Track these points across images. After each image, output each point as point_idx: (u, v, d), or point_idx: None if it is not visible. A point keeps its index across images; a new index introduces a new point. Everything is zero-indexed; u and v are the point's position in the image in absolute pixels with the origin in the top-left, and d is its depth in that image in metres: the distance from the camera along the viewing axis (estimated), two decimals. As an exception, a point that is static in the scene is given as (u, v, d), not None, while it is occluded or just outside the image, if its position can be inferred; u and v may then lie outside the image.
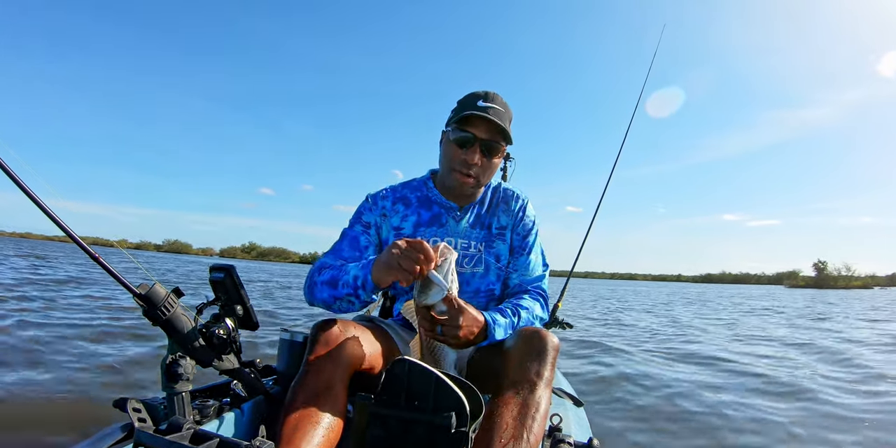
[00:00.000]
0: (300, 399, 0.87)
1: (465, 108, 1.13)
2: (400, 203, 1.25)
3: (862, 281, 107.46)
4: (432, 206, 1.25)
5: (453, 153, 1.15)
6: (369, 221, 1.23)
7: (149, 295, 0.88)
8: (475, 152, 1.13)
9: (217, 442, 0.74)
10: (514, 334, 1.03)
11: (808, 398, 2.83)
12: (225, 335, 1.01)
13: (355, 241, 1.20)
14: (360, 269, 1.01)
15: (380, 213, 1.24)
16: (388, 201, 1.25)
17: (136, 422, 0.83)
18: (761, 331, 6.83)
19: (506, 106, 1.17)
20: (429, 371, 0.80)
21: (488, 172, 1.18)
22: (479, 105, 1.12)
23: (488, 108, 1.11)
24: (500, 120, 1.12)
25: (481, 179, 1.19)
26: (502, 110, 1.14)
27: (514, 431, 0.82)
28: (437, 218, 1.24)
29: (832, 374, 3.61)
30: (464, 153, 1.13)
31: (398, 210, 1.25)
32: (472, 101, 1.14)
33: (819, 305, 15.37)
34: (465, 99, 1.17)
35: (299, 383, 0.90)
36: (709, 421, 2.37)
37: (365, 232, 1.22)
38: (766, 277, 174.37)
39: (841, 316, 10.23)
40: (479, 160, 1.13)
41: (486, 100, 1.14)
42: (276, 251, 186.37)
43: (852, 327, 7.60)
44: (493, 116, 1.10)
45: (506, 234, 1.27)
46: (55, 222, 0.79)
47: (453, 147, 1.15)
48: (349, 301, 1.05)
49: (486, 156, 1.14)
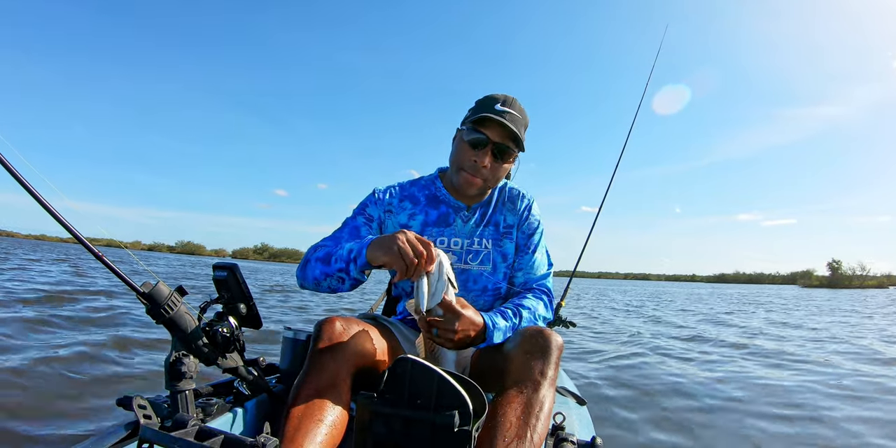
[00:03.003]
0: (303, 397, 0.87)
1: (482, 110, 1.14)
2: (407, 200, 1.26)
3: (877, 280, 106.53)
4: (440, 205, 1.25)
5: (465, 153, 1.16)
6: (372, 215, 1.24)
7: (152, 293, 0.88)
8: (486, 155, 1.13)
9: (222, 439, 0.74)
10: (517, 333, 1.03)
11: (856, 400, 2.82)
12: (228, 333, 1.01)
13: (356, 230, 1.20)
14: (356, 243, 1.02)
15: (385, 208, 1.24)
16: (395, 198, 1.26)
17: (141, 418, 0.83)
18: (754, 329, 6.80)
19: (523, 112, 1.17)
20: (431, 370, 0.80)
21: (497, 176, 1.19)
22: (497, 108, 1.12)
23: (505, 113, 1.12)
24: (516, 125, 1.12)
25: (489, 182, 1.19)
26: (519, 116, 1.15)
27: (517, 430, 0.82)
28: (445, 217, 1.24)
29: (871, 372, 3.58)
30: (475, 155, 1.14)
31: (405, 207, 1.25)
32: (490, 104, 1.14)
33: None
34: (483, 100, 1.17)
35: (302, 381, 0.91)
36: (716, 419, 2.36)
37: (367, 224, 1.22)
38: (780, 277, 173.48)
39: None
40: (489, 163, 1.14)
41: (505, 104, 1.14)
42: (288, 252, 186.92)
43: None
44: (508, 121, 1.11)
45: (512, 232, 1.27)
46: (61, 223, 0.79)
47: (466, 147, 1.15)
48: (339, 278, 1.04)
49: (497, 159, 1.15)
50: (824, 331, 6.84)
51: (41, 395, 2.15)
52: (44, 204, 0.77)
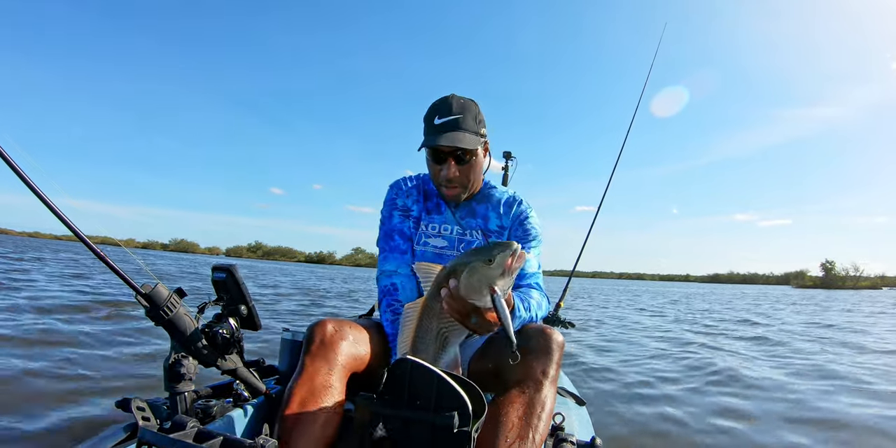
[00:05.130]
0: (297, 398, 0.88)
1: (427, 129, 1.18)
2: (414, 189, 1.34)
3: (871, 281, 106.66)
4: (432, 197, 1.33)
5: (432, 169, 1.23)
6: (404, 204, 1.31)
7: (152, 295, 0.88)
8: (450, 166, 1.18)
9: (221, 440, 0.74)
10: (518, 332, 1.02)
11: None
12: (228, 335, 1.01)
13: (403, 233, 1.27)
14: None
15: (405, 195, 1.32)
16: (407, 186, 1.34)
17: (140, 420, 0.83)
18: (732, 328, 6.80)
19: (464, 106, 1.17)
20: (431, 370, 0.80)
21: (471, 176, 1.23)
22: (436, 123, 1.15)
23: (442, 126, 1.15)
24: (459, 128, 1.14)
25: (467, 186, 1.25)
26: (460, 116, 1.16)
27: (519, 431, 0.82)
28: (437, 206, 1.31)
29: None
30: (441, 168, 1.19)
31: (412, 194, 1.33)
32: (431, 120, 1.17)
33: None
34: (426, 115, 1.20)
35: (295, 382, 0.91)
36: (712, 420, 2.36)
37: (404, 219, 1.29)
38: (774, 278, 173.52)
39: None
40: (455, 171, 1.18)
41: (443, 113, 1.16)
42: (281, 250, 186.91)
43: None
44: (449, 138, 1.13)
45: (504, 234, 1.29)
46: (63, 222, 0.79)
47: (431, 165, 1.22)
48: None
49: (461, 162, 1.19)
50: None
51: (42, 395, 2.15)
52: (48, 203, 0.78)
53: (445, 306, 0.84)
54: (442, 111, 1.16)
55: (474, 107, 1.19)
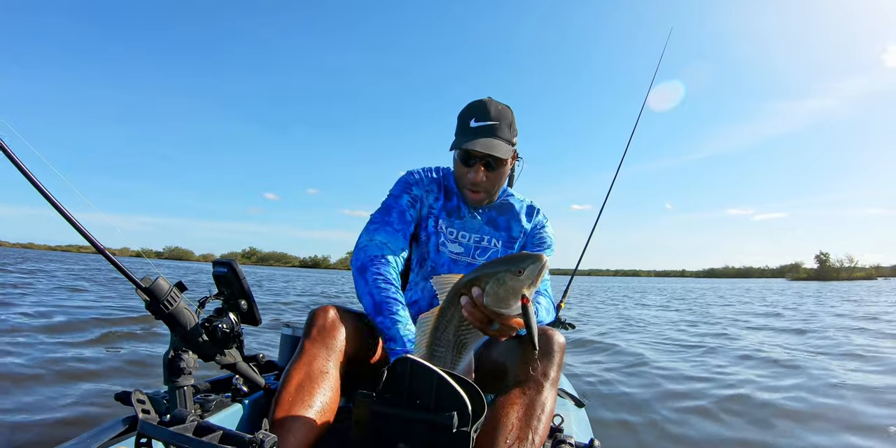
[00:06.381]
0: (294, 381, 0.88)
1: (461, 130, 1.17)
2: (434, 184, 1.30)
3: (865, 272, 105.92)
4: (452, 197, 1.29)
5: (460, 171, 1.21)
6: (417, 195, 1.26)
7: (152, 288, 0.88)
8: (479, 170, 1.17)
9: (220, 434, 0.73)
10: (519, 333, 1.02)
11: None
12: (228, 329, 1.01)
13: (402, 215, 1.22)
14: (404, 340, 0.99)
15: (425, 189, 1.28)
16: (426, 180, 1.29)
17: (140, 413, 0.83)
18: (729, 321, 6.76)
19: (501, 112, 1.17)
20: (431, 370, 0.79)
21: (497, 184, 1.23)
22: (472, 126, 1.14)
23: (480, 129, 1.13)
24: (495, 135, 1.14)
25: (491, 192, 1.24)
26: (497, 123, 1.15)
27: (519, 432, 0.82)
28: (457, 210, 1.28)
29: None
30: (469, 171, 1.18)
31: (432, 189, 1.29)
32: (467, 122, 1.16)
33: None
34: (461, 115, 1.19)
35: (293, 365, 0.92)
36: (710, 420, 2.36)
37: (412, 206, 1.24)
38: (769, 271, 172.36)
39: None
40: (483, 176, 1.17)
41: (479, 117, 1.15)
42: (275, 256, 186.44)
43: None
44: (483, 144, 1.11)
45: (522, 239, 1.30)
46: (66, 219, 0.79)
47: (459, 165, 1.20)
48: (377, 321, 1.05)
49: (490, 169, 1.18)
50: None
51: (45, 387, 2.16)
52: (52, 201, 0.77)
53: (466, 314, 0.82)
54: (479, 114, 1.15)
55: (510, 114, 1.19)
